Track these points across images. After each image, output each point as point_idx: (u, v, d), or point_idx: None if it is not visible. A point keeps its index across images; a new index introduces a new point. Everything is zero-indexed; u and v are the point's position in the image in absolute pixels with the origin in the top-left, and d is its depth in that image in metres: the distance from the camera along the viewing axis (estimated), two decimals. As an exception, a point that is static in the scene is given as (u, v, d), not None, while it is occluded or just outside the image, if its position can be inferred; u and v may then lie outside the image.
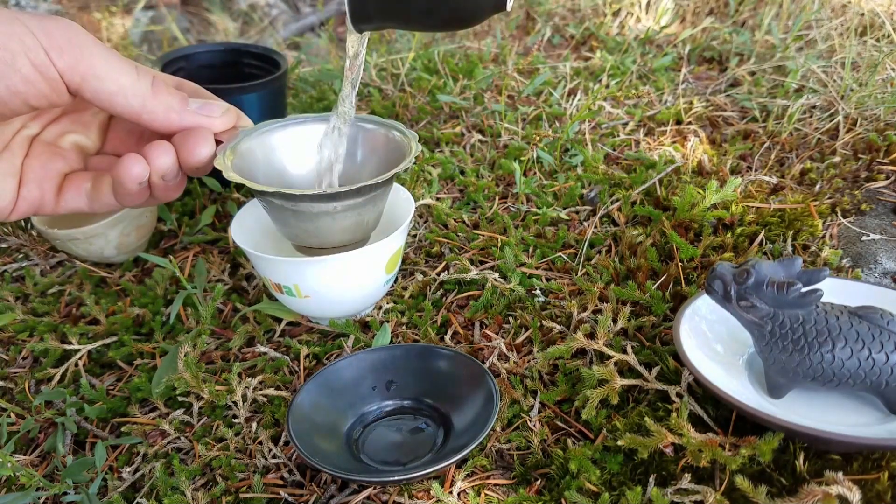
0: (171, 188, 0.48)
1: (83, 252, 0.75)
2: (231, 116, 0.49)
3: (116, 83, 0.42)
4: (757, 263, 0.49)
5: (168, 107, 0.45)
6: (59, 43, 0.40)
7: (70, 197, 0.48)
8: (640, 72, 1.16)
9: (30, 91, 0.40)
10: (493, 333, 0.63)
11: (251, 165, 0.55)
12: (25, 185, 0.46)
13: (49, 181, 0.47)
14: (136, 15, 1.81)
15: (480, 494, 0.49)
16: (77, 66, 0.40)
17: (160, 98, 0.44)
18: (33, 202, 0.47)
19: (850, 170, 0.83)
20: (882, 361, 0.47)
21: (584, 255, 0.72)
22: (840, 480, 0.41)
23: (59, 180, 0.48)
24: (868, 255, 0.68)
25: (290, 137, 0.59)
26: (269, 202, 0.54)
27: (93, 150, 0.50)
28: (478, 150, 0.96)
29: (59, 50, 0.40)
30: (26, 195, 0.46)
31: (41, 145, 0.48)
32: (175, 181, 0.48)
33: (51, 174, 0.47)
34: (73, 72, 0.41)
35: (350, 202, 0.54)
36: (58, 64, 0.40)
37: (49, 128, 0.48)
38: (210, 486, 0.53)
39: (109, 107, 0.43)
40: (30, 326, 0.70)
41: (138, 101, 0.43)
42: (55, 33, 0.40)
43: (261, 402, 0.59)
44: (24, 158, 0.47)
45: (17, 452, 0.58)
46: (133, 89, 0.43)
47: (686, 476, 0.46)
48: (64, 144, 0.49)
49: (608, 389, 0.53)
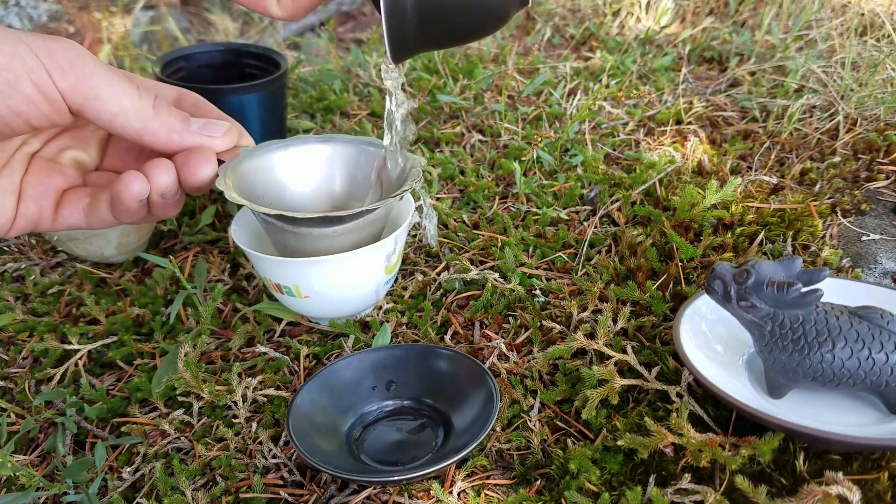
0: (169, 206, 0.48)
1: (83, 252, 0.75)
2: (233, 136, 0.49)
3: (118, 104, 0.42)
4: (757, 263, 0.49)
5: (170, 128, 0.45)
6: (62, 64, 0.40)
7: (68, 213, 0.48)
8: (640, 72, 1.16)
9: (32, 111, 0.40)
10: (493, 333, 0.63)
11: (252, 185, 0.55)
12: (24, 201, 0.46)
13: (47, 198, 0.47)
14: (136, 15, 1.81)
15: (480, 494, 0.49)
16: (79, 87, 0.41)
17: (162, 119, 0.44)
18: (31, 219, 0.47)
19: (850, 170, 0.83)
20: (882, 361, 0.47)
21: (584, 255, 0.72)
22: (840, 480, 0.41)
23: (58, 197, 0.48)
24: (868, 255, 0.68)
25: (292, 158, 0.59)
26: (269, 223, 0.54)
27: (92, 167, 0.50)
28: (478, 150, 0.96)
29: (61, 71, 0.40)
30: (24, 212, 0.46)
31: (40, 162, 0.47)
32: (174, 199, 0.48)
33: (49, 190, 0.47)
34: (75, 93, 0.41)
35: (350, 225, 0.54)
36: (60, 85, 0.40)
37: (49, 144, 0.48)
38: (210, 486, 0.53)
39: (111, 127, 0.43)
40: (30, 326, 0.70)
41: (140, 123, 0.43)
42: (58, 54, 0.40)
43: (261, 402, 0.59)
44: (23, 175, 0.47)
45: (17, 452, 0.58)
46: (135, 110, 0.43)
47: (686, 476, 0.46)
48: (63, 161, 0.48)
49: (608, 389, 0.53)
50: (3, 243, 0.84)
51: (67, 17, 1.69)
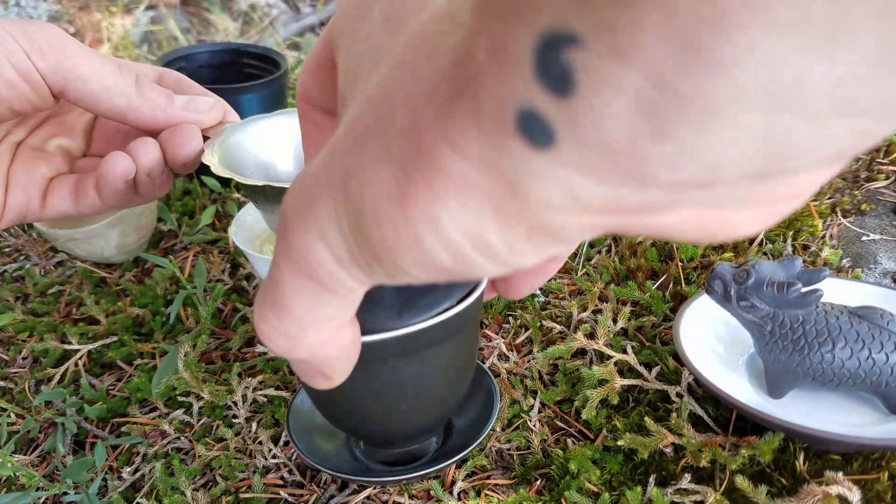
0: (157, 186, 0.47)
1: (83, 252, 0.75)
2: (218, 111, 0.48)
3: (100, 83, 0.42)
4: (757, 263, 0.49)
5: (154, 104, 0.44)
6: (41, 46, 0.40)
7: (55, 200, 0.47)
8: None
9: (13, 96, 0.40)
10: (493, 333, 0.63)
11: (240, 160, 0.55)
12: (11, 191, 0.46)
13: (34, 186, 0.47)
14: (136, 15, 1.81)
15: (480, 494, 0.49)
16: (59, 68, 0.40)
17: (145, 96, 0.44)
18: (20, 210, 0.46)
19: (850, 170, 0.83)
20: (882, 361, 0.47)
21: (584, 255, 0.72)
22: (840, 480, 0.41)
23: (44, 185, 0.47)
24: (868, 255, 0.68)
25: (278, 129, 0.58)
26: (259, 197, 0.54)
27: (78, 154, 0.50)
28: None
29: (40, 52, 0.40)
30: (12, 203, 0.46)
31: (26, 151, 0.47)
32: (161, 178, 0.47)
33: (35, 179, 0.47)
34: (56, 74, 0.40)
35: None
36: (40, 67, 0.40)
37: (34, 133, 0.48)
38: (210, 486, 0.53)
39: (94, 108, 0.43)
40: (30, 326, 0.70)
41: (123, 101, 0.43)
42: (36, 36, 0.40)
43: (261, 402, 0.59)
44: (9, 165, 0.46)
45: (17, 452, 0.58)
46: (118, 88, 0.43)
47: (686, 476, 0.46)
48: (49, 149, 0.48)
49: (608, 389, 0.53)
50: (4, 243, 0.84)
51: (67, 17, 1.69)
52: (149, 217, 0.78)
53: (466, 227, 0.15)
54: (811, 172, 0.14)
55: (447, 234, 0.15)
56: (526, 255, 0.16)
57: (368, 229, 0.16)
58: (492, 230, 0.15)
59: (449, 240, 0.15)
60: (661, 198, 0.13)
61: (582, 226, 0.14)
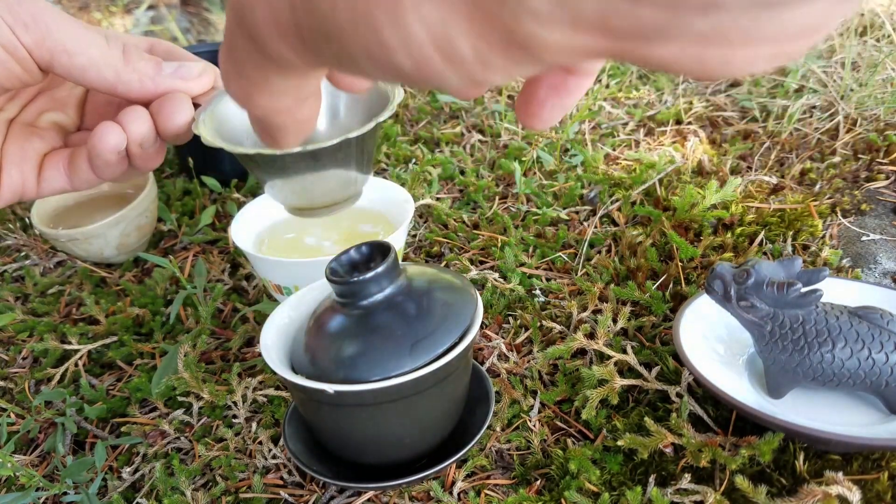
0: (150, 157, 0.46)
1: (83, 252, 0.75)
2: (209, 77, 0.47)
3: (87, 56, 0.41)
4: (757, 263, 0.49)
5: (142, 74, 0.44)
6: (24, 19, 0.39)
7: (50, 177, 0.46)
8: (640, 72, 1.16)
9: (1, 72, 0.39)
10: (493, 333, 0.63)
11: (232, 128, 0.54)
12: (6, 169, 0.45)
13: (28, 163, 0.46)
14: (136, 15, 1.81)
15: (480, 494, 0.49)
16: (45, 42, 0.39)
17: (133, 66, 0.43)
18: (16, 188, 0.46)
19: (850, 170, 0.83)
20: (882, 361, 0.47)
21: (584, 255, 0.72)
22: (840, 480, 0.41)
23: (39, 161, 0.46)
24: (868, 255, 0.68)
25: None
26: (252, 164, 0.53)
27: (72, 128, 0.49)
28: (478, 150, 0.95)
29: (24, 26, 0.39)
30: (8, 181, 0.45)
31: (19, 127, 0.46)
32: (154, 148, 0.46)
33: (29, 155, 0.46)
34: (42, 48, 0.40)
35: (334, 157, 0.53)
36: (25, 41, 0.39)
37: (26, 109, 0.47)
38: (210, 486, 0.53)
39: (83, 81, 0.42)
40: (30, 326, 0.70)
41: (111, 73, 0.42)
42: (19, 10, 0.39)
43: (261, 402, 0.58)
44: (2, 143, 0.45)
45: (17, 452, 0.58)
46: (105, 60, 0.42)
47: (686, 476, 0.46)
48: (42, 124, 0.47)
49: (608, 389, 0.53)
50: (4, 243, 0.84)
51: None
52: (149, 217, 0.78)
53: (433, 25, 0.13)
54: (819, 4, 0.13)
55: (409, 29, 0.13)
56: (495, 70, 0.14)
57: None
58: (462, 33, 0.13)
59: (410, 36, 0.14)
60: (658, 18, 0.12)
61: (566, 47, 0.13)
